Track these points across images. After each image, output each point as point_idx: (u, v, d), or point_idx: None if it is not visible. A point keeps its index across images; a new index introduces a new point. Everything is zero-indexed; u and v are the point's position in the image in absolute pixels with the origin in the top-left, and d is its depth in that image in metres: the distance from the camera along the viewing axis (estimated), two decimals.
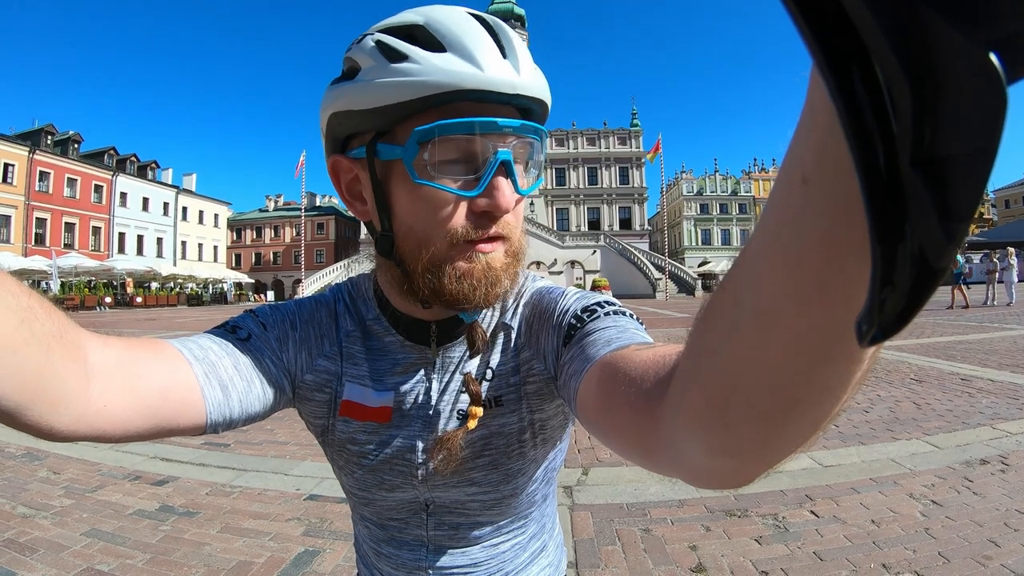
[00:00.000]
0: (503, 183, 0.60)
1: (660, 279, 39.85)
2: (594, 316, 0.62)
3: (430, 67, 0.57)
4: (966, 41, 0.13)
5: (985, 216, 67.43)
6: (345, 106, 0.61)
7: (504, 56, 0.59)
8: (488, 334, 0.73)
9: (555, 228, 53.04)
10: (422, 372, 0.72)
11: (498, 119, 0.59)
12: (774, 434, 0.32)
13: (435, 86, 0.56)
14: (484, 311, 0.73)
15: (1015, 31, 0.13)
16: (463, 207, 0.60)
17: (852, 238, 0.21)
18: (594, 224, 56.62)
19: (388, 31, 0.61)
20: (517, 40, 0.62)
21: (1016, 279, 16.72)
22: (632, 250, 44.88)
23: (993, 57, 0.13)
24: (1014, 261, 16.62)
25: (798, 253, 0.24)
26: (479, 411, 0.68)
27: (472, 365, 0.72)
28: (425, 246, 0.62)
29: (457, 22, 0.59)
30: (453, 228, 0.60)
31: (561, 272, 45.53)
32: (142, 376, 0.54)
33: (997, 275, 16.94)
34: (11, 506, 3.21)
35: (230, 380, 0.61)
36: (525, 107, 0.63)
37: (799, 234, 0.23)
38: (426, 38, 0.59)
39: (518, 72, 0.59)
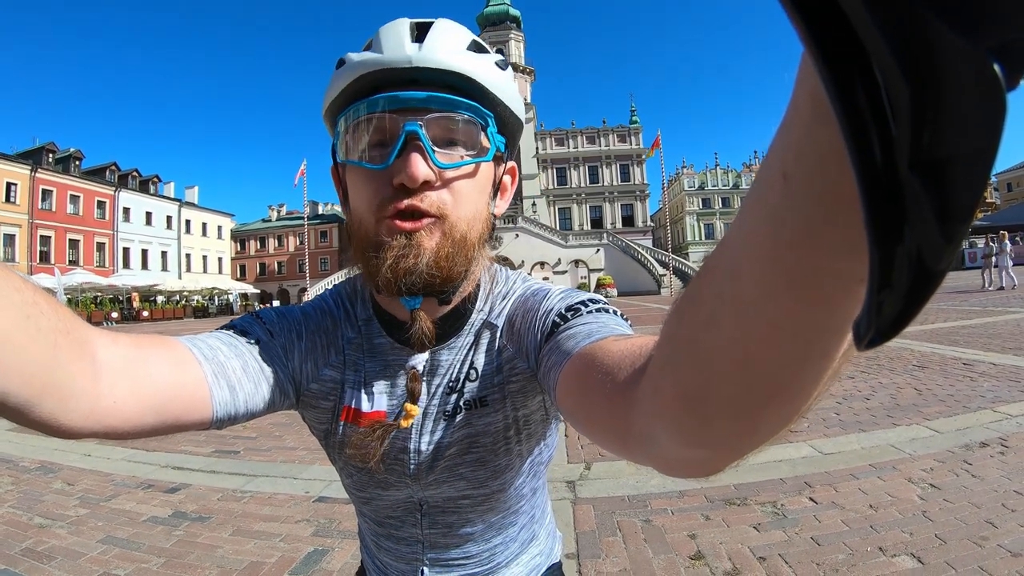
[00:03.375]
0: (414, 155, 0.60)
1: (664, 275, 39.77)
2: (577, 314, 0.63)
3: (351, 64, 0.64)
4: (966, 45, 0.13)
5: (988, 200, 66.95)
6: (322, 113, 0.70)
7: (415, 41, 0.63)
8: (474, 333, 0.74)
9: (558, 228, 53.01)
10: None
11: (400, 92, 0.62)
12: (747, 427, 0.32)
13: (348, 77, 0.64)
14: (475, 313, 0.74)
15: (1015, 37, 0.13)
16: (384, 182, 0.63)
17: (828, 236, 0.21)
18: (596, 222, 56.51)
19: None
20: (449, 31, 0.64)
21: (1010, 263, 16.65)
22: (635, 247, 44.89)
23: (993, 62, 0.13)
24: (1007, 245, 16.61)
25: (773, 248, 0.23)
26: (415, 410, 0.69)
27: (420, 359, 0.71)
28: (361, 224, 0.66)
29: (391, 26, 0.65)
30: (376, 203, 0.63)
31: (565, 271, 45.54)
32: (152, 374, 0.54)
33: (994, 260, 16.88)
34: (28, 517, 3.27)
35: (238, 382, 0.62)
36: (455, 85, 0.63)
37: (776, 230, 0.23)
38: (370, 45, 0.66)
39: (420, 49, 0.61)
